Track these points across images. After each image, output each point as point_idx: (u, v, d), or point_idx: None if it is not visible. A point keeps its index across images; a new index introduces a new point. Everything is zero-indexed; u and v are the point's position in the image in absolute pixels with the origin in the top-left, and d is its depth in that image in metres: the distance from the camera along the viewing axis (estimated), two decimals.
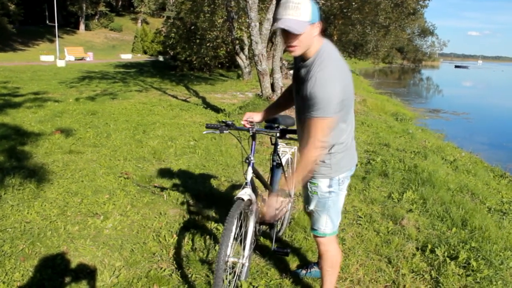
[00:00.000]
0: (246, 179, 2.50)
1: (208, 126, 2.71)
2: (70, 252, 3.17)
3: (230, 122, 2.65)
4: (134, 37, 45.90)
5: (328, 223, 2.32)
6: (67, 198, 4.16)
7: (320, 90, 1.93)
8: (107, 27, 55.12)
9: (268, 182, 2.96)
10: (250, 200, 2.44)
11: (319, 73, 1.96)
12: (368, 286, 2.92)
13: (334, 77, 1.97)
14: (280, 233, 3.47)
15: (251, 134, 2.64)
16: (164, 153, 5.92)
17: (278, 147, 3.00)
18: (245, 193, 2.43)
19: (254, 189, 2.61)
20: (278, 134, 2.79)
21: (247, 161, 2.51)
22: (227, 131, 2.66)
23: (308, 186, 2.29)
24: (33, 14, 47.68)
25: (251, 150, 2.60)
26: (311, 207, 2.33)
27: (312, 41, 2.00)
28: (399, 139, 8.25)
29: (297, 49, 1.99)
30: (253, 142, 2.66)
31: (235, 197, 2.40)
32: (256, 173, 2.63)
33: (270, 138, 2.97)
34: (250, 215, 2.53)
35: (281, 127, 2.81)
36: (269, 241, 3.28)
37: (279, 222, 3.31)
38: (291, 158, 3.34)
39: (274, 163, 3.00)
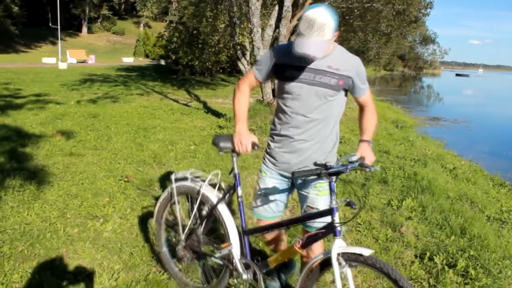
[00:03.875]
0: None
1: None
2: (69, 254, 3.18)
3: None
4: (136, 40, 46.04)
5: None
6: (67, 200, 4.16)
7: (364, 69, 2.28)
8: (110, 30, 55.29)
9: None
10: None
11: (353, 56, 2.26)
12: None
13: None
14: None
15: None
16: (164, 157, 5.93)
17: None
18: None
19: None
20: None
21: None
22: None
23: (314, 187, 2.32)
24: (36, 16, 47.84)
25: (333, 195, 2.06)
26: (321, 207, 2.31)
27: (329, 48, 2.16)
28: (399, 146, 8.27)
29: (318, 58, 2.09)
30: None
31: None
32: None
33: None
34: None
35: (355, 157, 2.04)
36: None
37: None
38: None
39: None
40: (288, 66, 2.21)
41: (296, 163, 2.32)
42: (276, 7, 8.95)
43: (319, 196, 2.33)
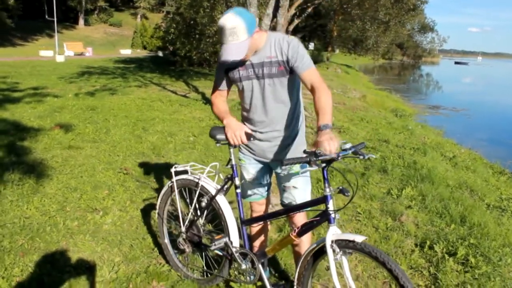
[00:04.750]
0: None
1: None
2: (69, 248, 3.17)
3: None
4: (133, 32, 45.80)
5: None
6: (66, 193, 4.16)
7: (299, 48, 2.23)
8: (107, 22, 54.90)
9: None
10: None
11: (286, 39, 2.25)
12: (366, 282, 2.93)
13: (298, 40, 2.29)
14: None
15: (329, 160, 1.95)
16: (163, 148, 5.92)
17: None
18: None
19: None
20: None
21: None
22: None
23: (289, 167, 2.41)
24: (32, 9, 47.49)
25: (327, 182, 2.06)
26: (297, 184, 2.45)
27: (257, 42, 2.23)
28: (398, 135, 8.26)
29: (248, 56, 2.24)
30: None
31: None
32: None
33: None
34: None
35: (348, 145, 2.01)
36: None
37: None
38: None
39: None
40: (235, 68, 2.33)
41: (269, 148, 2.44)
42: None
43: (291, 173, 2.42)
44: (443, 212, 4.13)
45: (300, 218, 2.45)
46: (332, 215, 2.02)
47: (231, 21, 2.07)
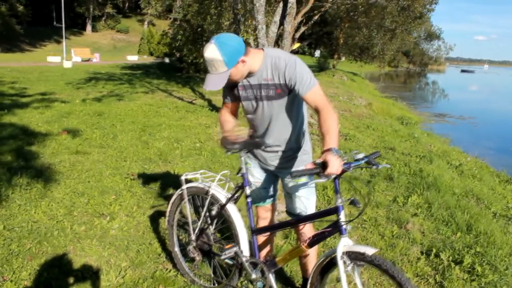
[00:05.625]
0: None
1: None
2: (76, 252, 3.20)
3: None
4: (140, 38, 46.07)
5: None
6: (73, 198, 4.19)
7: (297, 69, 2.15)
8: (114, 28, 55.35)
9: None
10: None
11: (282, 60, 2.17)
12: None
13: (296, 58, 2.21)
14: None
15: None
16: (170, 154, 5.95)
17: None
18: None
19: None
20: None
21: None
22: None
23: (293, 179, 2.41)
24: (41, 15, 47.99)
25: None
26: (299, 193, 2.46)
27: (246, 68, 2.18)
28: (404, 143, 8.25)
29: (239, 80, 2.24)
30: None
31: None
32: None
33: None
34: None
35: (361, 155, 2.04)
36: None
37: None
38: None
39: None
40: (234, 86, 2.34)
41: (272, 158, 2.47)
42: (281, 4, 8.94)
43: (296, 183, 2.43)
44: (449, 220, 4.12)
45: (308, 229, 2.45)
46: (344, 226, 2.01)
47: (209, 53, 2.07)
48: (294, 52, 25.49)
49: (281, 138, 2.38)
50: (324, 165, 1.85)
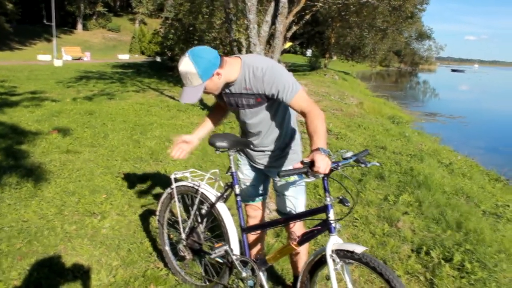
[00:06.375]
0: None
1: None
2: (67, 251, 3.18)
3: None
4: (131, 37, 45.83)
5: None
6: (64, 197, 4.16)
7: (276, 77, 2.12)
8: (105, 27, 54.93)
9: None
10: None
11: (259, 69, 2.14)
12: (363, 287, 2.94)
13: (274, 64, 2.18)
14: None
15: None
16: (161, 153, 5.93)
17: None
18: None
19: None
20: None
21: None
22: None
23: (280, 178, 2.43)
24: (31, 13, 47.52)
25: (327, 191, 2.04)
26: (289, 192, 2.47)
27: (223, 80, 2.17)
28: (395, 142, 8.29)
29: (218, 90, 2.22)
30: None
31: None
32: None
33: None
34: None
35: (349, 153, 2.07)
36: None
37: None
38: None
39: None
40: (219, 94, 2.33)
41: (261, 157, 2.48)
42: (272, 4, 8.94)
43: (286, 181, 2.44)
44: (440, 218, 4.15)
45: (298, 227, 2.46)
46: (333, 225, 2.03)
47: (184, 66, 2.06)
48: (286, 51, 25.53)
49: (268, 139, 2.40)
50: (312, 165, 1.85)
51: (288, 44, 21.02)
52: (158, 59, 31.79)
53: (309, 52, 37.51)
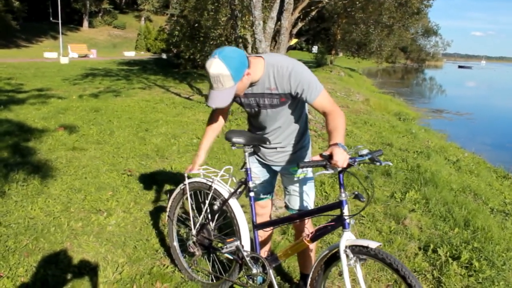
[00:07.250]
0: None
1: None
2: (73, 248, 3.19)
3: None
4: (137, 34, 45.85)
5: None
6: (70, 194, 4.17)
7: (302, 77, 2.10)
8: (111, 24, 55.05)
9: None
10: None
11: (285, 69, 2.11)
12: (370, 285, 2.93)
13: (297, 63, 2.16)
14: None
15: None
16: (167, 150, 5.93)
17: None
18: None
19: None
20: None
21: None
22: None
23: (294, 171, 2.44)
24: (37, 11, 47.72)
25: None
26: (298, 188, 2.49)
27: (250, 80, 2.13)
28: (402, 138, 8.25)
29: (242, 92, 2.19)
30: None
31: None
32: None
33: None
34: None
35: (365, 151, 2.03)
36: None
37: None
38: None
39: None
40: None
41: (272, 154, 2.48)
42: (278, 0, 8.90)
43: (295, 177, 2.44)
44: (447, 215, 4.13)
45: (309, 224, 2.45)
46: (347, 221, 2.01)
47: (215, 68, 1.97)
48: (292, 48, 25.46)
49: (284, 136, 2.40)
50: (330, 158, 1.87)
51: (294, 41, 20.94)
52: (164, 56, 31.80)
53: (315, 49, 37.38)
